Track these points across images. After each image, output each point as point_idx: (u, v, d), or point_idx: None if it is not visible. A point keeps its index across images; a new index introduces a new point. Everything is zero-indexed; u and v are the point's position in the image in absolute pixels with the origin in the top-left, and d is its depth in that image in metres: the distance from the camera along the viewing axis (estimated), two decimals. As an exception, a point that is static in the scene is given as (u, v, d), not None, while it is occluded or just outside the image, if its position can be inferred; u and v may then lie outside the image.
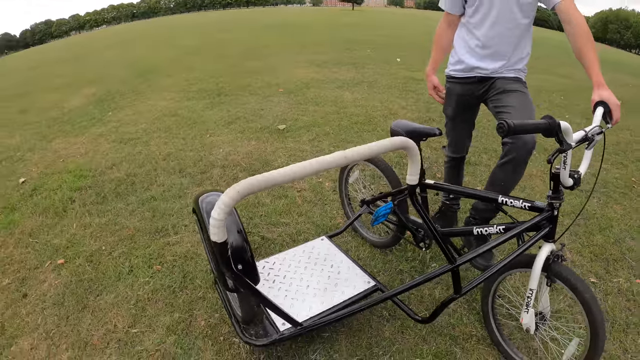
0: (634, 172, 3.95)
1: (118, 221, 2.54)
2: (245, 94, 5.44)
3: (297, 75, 6.53)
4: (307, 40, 11.75)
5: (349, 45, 10.80)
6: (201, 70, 7.40)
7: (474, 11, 1.84)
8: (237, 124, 4.22)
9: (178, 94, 5.65)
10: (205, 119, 4.44)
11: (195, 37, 14.98)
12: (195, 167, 3.23)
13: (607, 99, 1.43)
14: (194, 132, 4.04)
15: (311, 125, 4.09)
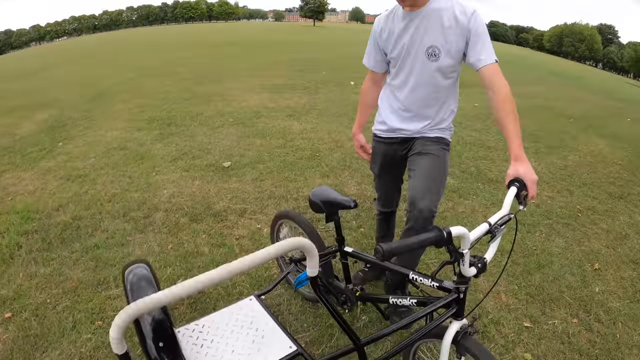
0: (579, 199, 4.05)
1: (62, 271, 2.50)
2: (195, 124, 5.42)
3: (249, 102, 6.58)
4: (265, 61, 11.85)
5: (305, 66, 10.95)
6: (155, 95, 7.34)
7: (395, 74, 1.87)
8: (184, 160, 4.20)
9: (129, 123, 5.58)
10: (153, 153, 4.40)
11: (154, 55, 14.86)
12: (139, 211, 3.19)
13: (524, 175, 1.37)
14: (140, 169, 4.00)
15: (256, 162, 4.12)
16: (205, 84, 8.25)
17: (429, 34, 1.68)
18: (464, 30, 1.62)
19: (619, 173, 5.13)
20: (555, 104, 9.67)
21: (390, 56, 1.85)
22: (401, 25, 1.74)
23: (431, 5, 1.66)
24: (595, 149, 6.06)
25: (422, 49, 1.71)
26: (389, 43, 1.82)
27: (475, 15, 1.63)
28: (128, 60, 13.68)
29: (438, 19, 1.65)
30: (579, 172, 4.84)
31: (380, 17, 1.88)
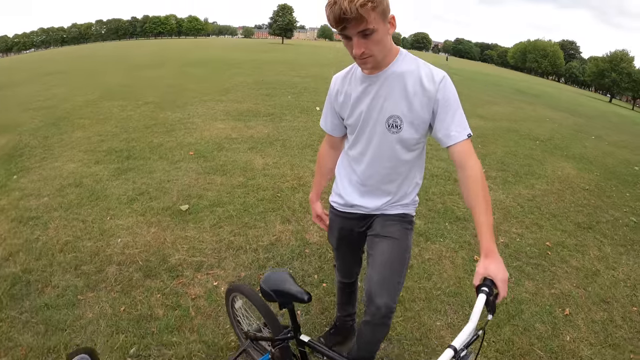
0: (548, 234, 4.01)
1: (12, 335, 2.29)
2: (155, 158, 5.20)
3: (212, 132, 6.38)
4: (231, 83, 11.68)
5: (271, 89, 10.83)
6: (116, 121, 7.09)
7: (353, 143, 1.67)
8: (140, 201, 3.98)
9: (87, 155, 5.32)
10: (109, 193, 4.17)
11: (120, 73, 14.54)
12: (91, 264, 2.97)
13: (495, 274, 1.20)
14: (95, 212, 3.76)
15: (215, 205, 3.93)
16: (168, 108, 8.00)
17: (390, 102, 1.48)
18: (430, 100, 1.43)
19: (587, 199, 5.20)
20: (521, 126, 9.86)
21: (347, 123, 1.65)
22: (359, 89, 1.54)
23: (393, 68, 1.47)
24: (562, 174, 6.16)
25: (381, 118, 1.51)
26: (345, 108, 1.62)
27: (445, 82, 1.44)
28: (93, 78, 13.34)
29: (401, 85, 1.46)
30: (547, 202, 4.86)
31: (337, 77, 1.68)
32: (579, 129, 11.58)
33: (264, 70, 15.21)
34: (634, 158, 8.88)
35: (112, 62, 20.48)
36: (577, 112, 17.23)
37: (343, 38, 1.37)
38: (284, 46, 50.47)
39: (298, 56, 27.43)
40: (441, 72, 1.45)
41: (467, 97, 13.69)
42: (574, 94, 42.27)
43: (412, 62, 1.48)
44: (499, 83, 26.03)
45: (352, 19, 1.24)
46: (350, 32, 1.30)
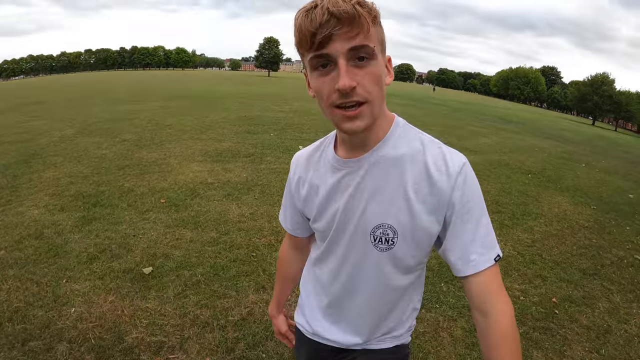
0: (554, 287, 3.71)
1: None
2: (123, 206, 4.79)
3: (186, 176, 5.98)
4: (213, 119, 11.36)
5: (253, 125, 10.53)
6: (89, 160, 6.71)
7: (322, 256, 1.14)
8: (101, 261, 3.55)
9: (53, 199, 4.94)
10: (69, 248, 3.75)
11: (102, 106, 14.19)
12: (40, 340, 2.56)
13: None
14: (51, 272, 3.35)
15: (182, 267, 3.50)
16: (145, 147, 7.63)
17: (378, 203, 0.96)
18: (441, 202, 0.91)
19: (588, 239, 4.98)
20: (511, 158, 9.69)
21: (314, 227, 1.13)
22: (331, 180, 1.03)
23: (385, 149, 0.96)
24: (559, 211, 5.94)
25: (364, 227, 0.99)
26: (310, 206, 1.10)
27: (466, 173, 0.92)
28: (74, 110, 12.99)
29: (396, 176, 0.94)
30: (549, 247, 4.59)
31: (298, 157, 1.17)
32: (568, 156, 11.58)
33: (248, 105, 14.97)
34: (626, 184, 8.88)
35: (97, 93, 20.18)
36: (563, 138, 17.27)
37: (314, 71, 0.86)
38: (269, 79, 50.90)
39: (283, 90, 27.43)
40: (459, 156, 0.94)
41: (454, 129, 13.59)
42: (558, 118, 42.91)
43: (413, 140, 0.97)
44: (483, 112, 26.13)
45: (344, 20, 0.79)
46: (336, 47, 0.80)
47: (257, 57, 75.31)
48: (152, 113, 12.17)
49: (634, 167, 12.38)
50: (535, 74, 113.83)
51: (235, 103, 15.61)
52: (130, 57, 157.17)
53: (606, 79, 61.55)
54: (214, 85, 28.17)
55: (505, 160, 9.24)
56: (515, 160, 9.33)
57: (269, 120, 11.33)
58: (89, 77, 50.70)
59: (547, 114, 59.85)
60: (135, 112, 12.38)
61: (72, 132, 9.05)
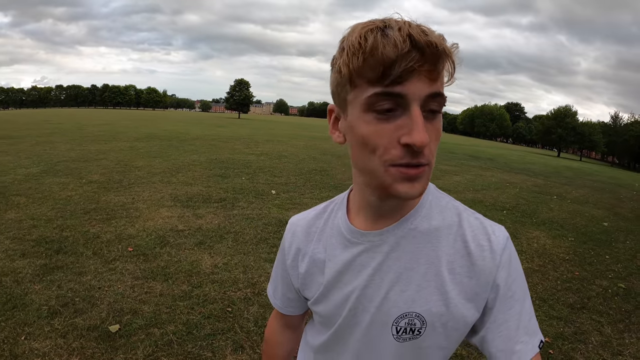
0: (544, 326, 3.74)
1: None
2: (88, 254, 4.50)
3: (156, 221, 5.73)
4: (183, 161, 11.11)
5: (224, 168, 10.32)
6: (54, 202, 6.41)
7: (327, 346, 0.91)
8: (63, 316, 3.26)
9: (14, 243, 4.64)
10: (29, 300, 3.46)
11: (71, 144, 13.77)
12: None
13: None
14: (9, 327, 3.06)
15: (152, 324, 3.23)
16: (113, 189, 7.35)
17: (404, 287, 0.76)
18: (483, 283, 0.74)
19: (571, 272, 5.00)
20: (485, 196, 9.77)
21: (314, 309, 0.90)
22: (343, 255, 0.82)
23: (416, 221, 0.78)
24: (538, 246, 5.96)
25: (385, 317, 0.77)
26: (312, 285, 0.88)
27: (510, 250, 0.75)
28: (42, 147, 12.62)
29: (428, 253, 0.76)
30: (533, 284, 4.59)
31: (296, 224, 0.94)
32: (539, 190, 11.80)
33: (218, 148, 14.77)
34: (599, 213, 9.12)
35: (66, 130, 19.64)
36: (532, 172, 17.64)
37: (369, 112, 0.65)
38: (240, 121, 51.12)
39: (254, 131, 27.40)
40: (501, 229, 0.77)
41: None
42: (524, 152, 44.06)
43: (447, 209, 0.80)
44: (453, 150, 26.53)
45: (428, 56, 0.61)
46: (415, 89, 0.62)
47: (227, 98, 75.98)
48: (121, 153, 11.88)
49: (603, 194, 12.74)
50: (500, 110, 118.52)
51: (206, 145, 15.40)
52: (101, 95, 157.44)
53: (569, 111, 64.31)
54: (184, 127, 27.90)
55: (479, 197, 9.27)
56: (488, 197, 9.39)
57: (240, 164, 11.16)
58: (59, 113, 49.86)
59: (514, 148, 61.61)
60: (103, 152, 12.08)
61: (37, 171, 8.71)
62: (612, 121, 71.78)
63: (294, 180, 9.21)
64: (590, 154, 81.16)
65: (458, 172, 13.78)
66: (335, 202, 0.90)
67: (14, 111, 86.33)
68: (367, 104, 0.64)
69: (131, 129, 22.79)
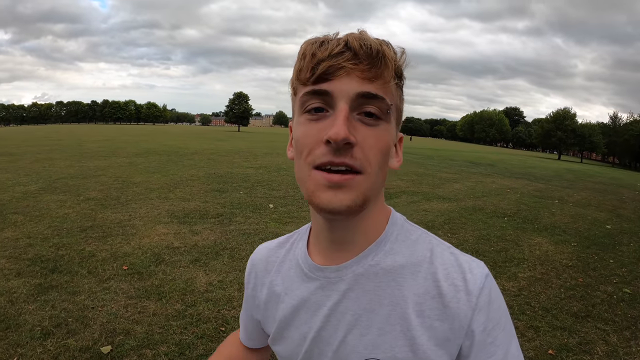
0: (548, 337, 3.64)
1: None
2: (83, 272, 4.44)
3: (152, 239, 5.67)
4: (181, 177, 11.07)
5: (222, 182, 10.27)
6: (51, 220, 6.37)
7: None
8: (56, 337, 3.20)
9: (10, 262, 4.60)
10: (22, 320, 3.41)
11: (70, 160, 13.76)
12: None
13: None
14: (1, 348, 3.02)
15: (144, 345, 3.16)
16: (110, 207, 7.30)
17: (364, 331, 0.68)
18: (457, 328, 0.64)
19: (574, 278, 4.91)
20: (485, 203, 9.67)
21: (274, 349, 0.83)
22: (300, 290, 0.75)
23: (377, 257, 0.70)
24: (540, 253, 5.86)
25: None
26: (270, 319, 0.82)
27: (490, 288, 0.66)
28: (41, 164, 12.59)
29: (392, 293, 0.68)
30: (536, 293, 4.46)
31: (257, 252, 0.90)
32: (540, 194, 11.72)
33: (217, 162, 14.73)
34: (601, 216, 9.00)
35: (65, 147, 19.68)
36: (533, 176, 17.57)
37: (303, 114, 0.64)
38: (239, 134, 51.33)
39: (253, 144, 27.43)
40: (479, 265, 0.68)
41: (425, 177, 13.61)
42: (525, 156, 44.08)
43: (417, 243, 0.72)
44: (453, 157, 26.53)
45: (362, 56, 0.59)
46: (342, 86, 0.59)
47: (227, 112, 76.36)
48: (119, 170, 11.85)
49: (605, 196, 12.66)
50: (499, 115, 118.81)
51: (205, 159, 15.37)
52: (101, 111, 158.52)
53: (568, 113, 64.41)
54: (184, 141, 27.95)
55: (480, 205, 9.19)
56: (489, 204, 9.30)
57: (238, 178, 11.11)
58: (59, 129, 50.09)
59: (514, 153, 61.55)
60: (102, 168, 12.06)
61: (36, 188, 8.69)
62: (612, 121, 71.85)
63: (292, 193, 9.14)
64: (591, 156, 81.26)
65: (458, 180, 13.73)
66: (298, 232, 0.84)
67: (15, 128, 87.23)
68: (300, 106, 0.64)
69: (131, 144, 22.82)
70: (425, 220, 7.18)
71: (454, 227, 7.00)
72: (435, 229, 6.66)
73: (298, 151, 0.64)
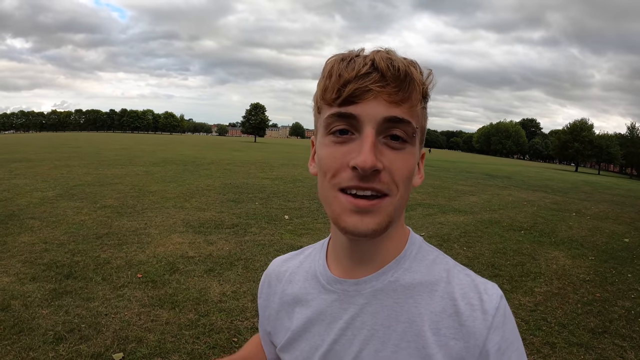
0: (564, 354, 3.63)
1: None
2: (97, 279, 4.48)
3: (167, 247, 5.70)
4: (197, 186, 11.15)
5: (238, 193, 10.29)
6: (67, 226, 6.45)
7: None
8: (68, 342, 3.23)
9: (25, 267, 4.68)
10: (35, 325, 3.45)
11: (87, 168, 14.00)
12: None
13: None
14: (14, 351, 3.05)
15: (156, 354, 3.17)
16: (126, 214, 7.38)
17: (379, 346, 0.67)
18: (472, 347, 0.63)
19: (592, 294, 4.82)
20: (502, 216, 9.57)
21: (283, 356, 0.81)
22: (316, 302, 0.75)
23: (396, 274, 0.70)
24: (557, 267, 5.78)
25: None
26: (279, 329, 0.82)
27: (504, 309, 0.66)
28: (58, 171, 12.81)
29: (409, 310, 0.68)
30: (552, 308, 4.37)
31: (274, 262, 0.89)
32: (558, 207, 11.57)
33: (233, 172, 14.83)
34: (619, 229, 8.87)
35: (83, 154, 20.00)
36: (550, 189, 17.36)
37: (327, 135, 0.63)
38: (256, 145, 51.61)
39: (268, 155, 27.47)
40: (494, 287, 0.68)
41: (441, 189, 13.52)
42: (542, 168, 43.56)
43: (435, 264, 0.72)
44: (469, 169, 26.37)
45: (389, 78, 0.59)
46: (369, 110, 0.59)
47: (243, 122, 76.74)
48: (136, 178, 11.99)
49: (623, 208, 12.46)
50: (515, 127, 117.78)
51: (221, 170, 15.46)
52: (119, 120, 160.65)
53: (585, 124, 63.46)
54: (200, 151, 28.17)
55: (496, 218, 9.11)
56: (506, 217, 9.22)
57: (254, 188, 11.15)
58: (78, 137, 50.92)
59: (531, 165, 60.94)
60: (119, 176, 12.20)
61: (53, 194, 8.82)
62: (629, 132, 70.41)
63: (307, 204, 9.14)
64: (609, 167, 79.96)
65: (474, 192, 13.63)
66: (315, 247, 0.84)
67: (34, 134, 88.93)
68: (325, 127, 0.63)
69: (148, 153, 23.08)
70: (441, 233, 7.14)
71: (469, 240, 6.93)
72: (451, 242, 6.61)
73: (322, 171, 0.64)
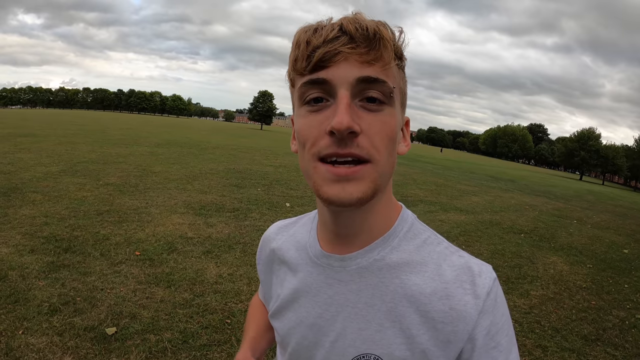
0: (555, 358, 3.58)
1: None
2: (95, 254, 4.49)
3: (166, 227, 5.70)
4: (200, 169, 11.14)
5: (241, 178, 10.27)
6: (69, 201, 6.47)
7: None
8: (62, 314, 3.25)
9: (25, 239, 4.69)
10: (31, 295, 3.47)
11: (92, 145, 14.03)
12: None
13: None
14: (8, 320, 3.07)
15: (149, 330, 3.17)
16: (128, 193, 7.39)
17: (363, 325, 0.67)
18: (460, 331, 0.62)
19: (587, 301, 4.82)
20: (502, 217, 9.55)
21: (274, 325, 0.80)
22: (303, 272, 0.74)
23: (383, 252, 0.68)
24: (555, 272, 5.77)
25: (339, 356, 0.68)
26: (271, 296, 0.83)
27: (497, 292, 0.65)
28: (63, 147, 12.85)
29: (395, 290, 0.66)
30: (547, 312, 4.37)
31: (272, 227, 0.91)
32: (559, 213, 11.54)
33: (237, 157, 14.81)
34: (619, 239, 8.84)
35: (89, 132, 20.09)
36: (553, 195, 17.31)
37: (302, 105, 0.61)
38: (262, 132, 51.62)
39: (274, 143, 27.42)
40: (487, 269, 0.66)
41: (444, 187, 13.49)
42: (546, 175, 43.46)
43: (425, 243, 0.70)
44: (474, 170, 26.32)
45: (358, 39, 0.57)
46: (340, 73, 0.57)
47: (251, 109, 76.45)
48: (140, 158, 12.00)
49: (625, 220, 12.43)
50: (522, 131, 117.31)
51: (225, 154, 15.44)
52: (127, 100, 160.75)
53: (592, 134, 63.13)
54: (206, 135, 28.16)
55: (497, 219, 9.09)
56: (506, 220, 9.20)
57: (257, 175, 11.13)
58: (85, 115, 51.03)
59: (536, 170, 60.76)
60: (123, 155, 12.22)
61: (57, 170, 8.84)
62: (636, 145, 70.02)
63: (309, 193, 9.10)
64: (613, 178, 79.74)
65: (477, 193, 13.60)
66: (309, 216, 0.84)
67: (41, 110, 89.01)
68: (299, 97, 0.62)
69: (153, 134, 23.09)
70: (441, 230, 7.09)
71: (469, 239, 6.93)
72: (450, 240, 6.49)
73: (301, 144, 0.62)
